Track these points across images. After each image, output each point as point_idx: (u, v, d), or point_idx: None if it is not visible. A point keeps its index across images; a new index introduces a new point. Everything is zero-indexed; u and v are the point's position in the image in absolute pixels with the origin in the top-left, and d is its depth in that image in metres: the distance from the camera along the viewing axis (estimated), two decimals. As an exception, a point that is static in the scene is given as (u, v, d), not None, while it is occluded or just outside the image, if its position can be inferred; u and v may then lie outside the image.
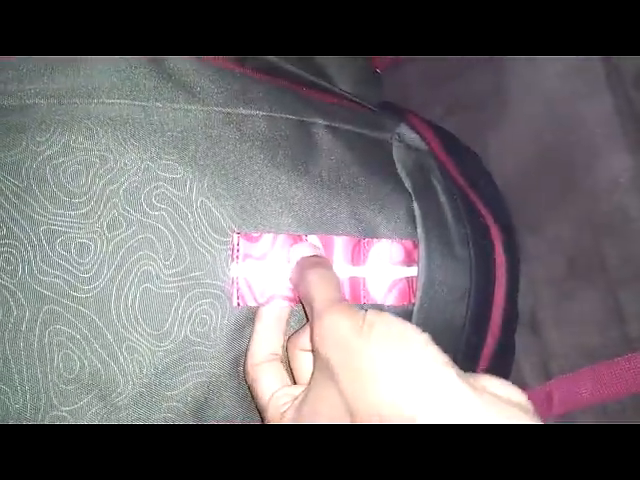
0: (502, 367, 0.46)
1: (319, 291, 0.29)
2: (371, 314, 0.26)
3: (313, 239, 0.33)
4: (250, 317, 0.31)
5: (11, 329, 0.28)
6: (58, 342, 0.29)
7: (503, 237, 0.43)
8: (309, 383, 0.28)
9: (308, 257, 0.32)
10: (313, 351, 0.27)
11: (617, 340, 0.42)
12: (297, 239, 0.33)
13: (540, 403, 0.46)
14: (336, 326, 0.26)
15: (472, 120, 0.47)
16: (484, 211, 0.43)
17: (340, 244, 0.34)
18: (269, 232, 0.32)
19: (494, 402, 0.22)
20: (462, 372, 0.24)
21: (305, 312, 0.30)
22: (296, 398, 0.28)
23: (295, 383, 0.31)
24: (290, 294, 0.32)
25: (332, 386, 0.25)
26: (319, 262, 0.31)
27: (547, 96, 0.43)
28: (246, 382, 0.31)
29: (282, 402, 0.29)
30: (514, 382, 0.25)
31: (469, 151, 0.47)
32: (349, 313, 0.26)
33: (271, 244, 0.32)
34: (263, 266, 0.32)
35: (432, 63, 0.50)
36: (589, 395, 0.44)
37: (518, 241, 0.45)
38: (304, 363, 0.30)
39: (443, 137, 0.46)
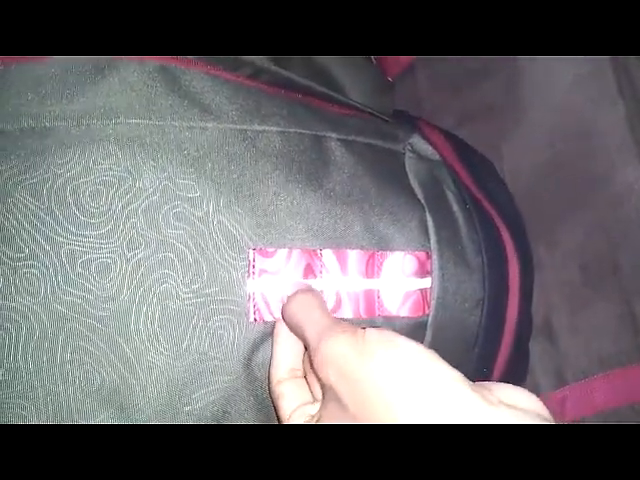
0: (517, 374, 0.46)
1: (305, 321, 0.28)
2: (370, 333, 0.25)
3: (327, 253, 0.34)
4: (267, 332, 0.32)
5: (34, 348, 0.29)
6: (79, 359, 0.29)
7: (516, 245, 0.43)
8: (320, 406, 0.28)
9: (292, 297, 0.31)
10: (317, 378, 0.27)
11: (630, 348, 0.42)
12: (311, 253, 0.33)
13: (553, 409, 0.46)
14: (334, 354, 0.25)
15: (485, 129, 0.47)
16: (497, 219, 0.44)
17: (354, 257, 0.34)
18: (284, 247, 0.32)
19: (510, 413, 0.22)
20: (475, 385, 0.23)
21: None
22: (313, 417, 0.29)
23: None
24: None
25: (342, 410, 0.25)
26: (298, 291, 0.31)
27: (560, 104, 0.44)
28: (271, 400, 0.32)
29: (298, 422, 0.29)
30: (528, 388, 0.25)
31: (482, 158, 0.47)
32: (344, 336, 0.26)
33: (286, 259, 0.32)
34: (279, 281, 0.32)
35: (444, 71, 0.50)
36: (602, 401, 0.44)
37: (532, 249, 0.45)
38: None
39: (456, 145, 0.46)
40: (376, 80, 0.46)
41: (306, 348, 0.29)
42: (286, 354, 0.31)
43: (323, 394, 0.27)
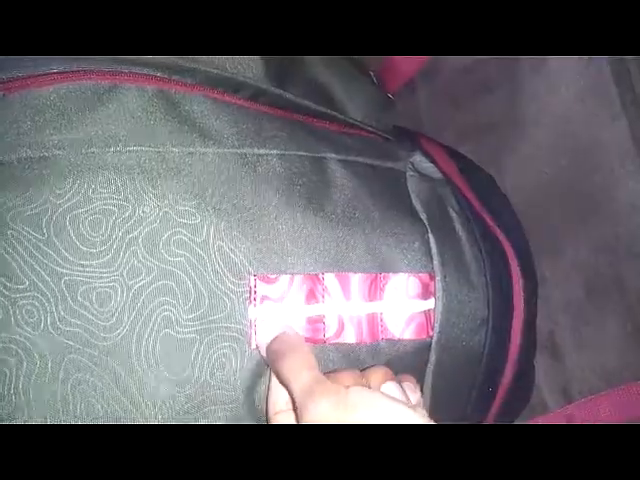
0: (522, 391, 0.46)
1: (292, 381, 0.28)
2: (354, 394, 0.26)
3: (329, 277, 0.33)
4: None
5: (35, 380, 0.28)
6: (81, 391, 0.29)
7: (520, 261, 0.43)
8: None
9: (274, 340, 0.31)
10: None
11: (636, 363, 0.42)
12: (314, 279, 0.33)
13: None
14: (317, 419, 0.26)
15: (486, 144, 0.47)
16: (500, 235, 0.43)
17: (356, 281, 0.34)
18: (286, 273, 0.32)
19: None
20: None
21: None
22: None
23: None
24: (307, 334, 0.32)
25: None
26: (283, 345, 0.31)
27: (563, 120, 0.43)
28: None
29: None
30: (535, 405, 0.26)
31: (484, 173, 0.47)
32: (326, 400, 0.26)
33: (288, 285, 0.32)
34: (281, 308, 0.32)
35: (444, 87, 0.50)
36: (609, 418, 0.44)
37: (535, 265, 0.44)
38: None
39: (457, 160, 0.46)
40: (376, 97, 0.46)
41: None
42: (283, 388, 0.31)
43: None
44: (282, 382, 0.29)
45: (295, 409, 0.28)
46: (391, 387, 0.30)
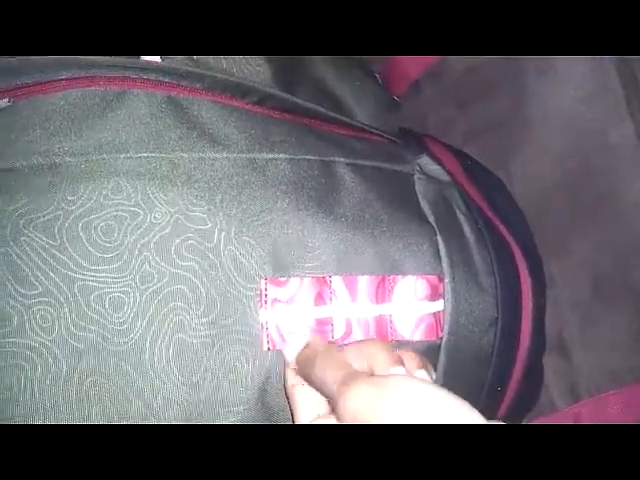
0: (531, 391, 0.46)
1: (327, 378, 0.28)
2: (392, 378, 0.26)
3: (336, 280, 0.33)
4: (280, 360, 0.32)
5: (50, 385, 0.29)
6: (95, 395, 0.29)
7: (528, 262, 0.43)
8: None
9: (305, 347, 0.32)
10: None
11: (644, 364, 0.42)
12: (321, 281, 0.33)
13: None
14: (354, 408, 0.26)
15: (492, 146, 0.47)
16: (508, 237, 0.43)
17: (364, 283, 0.34)
18: (295, 276, 0.32)
19: None
20: None
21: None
22: None
23: None
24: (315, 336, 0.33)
25: None
26: (312, 350, 0.31)
27: (569, 121, 0.43)
28: (288, 403, 0.32)
29: None
30: (543, 404, 0.26)
31: (491, 175, 0.47)
32: (365, 383, 0.26)
33: (298, 287, 0.32)
34: (291, 310, 0.32)
35: (450, 88, 0.50)
36: (617, 418, 0.44)
37: (543, 265, 0.45)
38: None
39: (464, 162, 0.46)
40: (382, 99, 0.46)
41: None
42: None
43: None
44: (315, 386, 0.29)
45: (331, 403, 0.28)
46: (423, 375, 0.30)
